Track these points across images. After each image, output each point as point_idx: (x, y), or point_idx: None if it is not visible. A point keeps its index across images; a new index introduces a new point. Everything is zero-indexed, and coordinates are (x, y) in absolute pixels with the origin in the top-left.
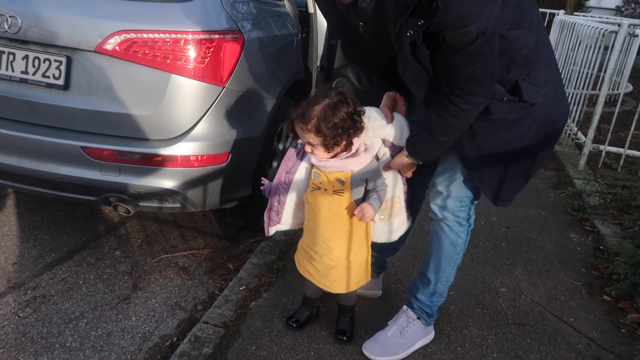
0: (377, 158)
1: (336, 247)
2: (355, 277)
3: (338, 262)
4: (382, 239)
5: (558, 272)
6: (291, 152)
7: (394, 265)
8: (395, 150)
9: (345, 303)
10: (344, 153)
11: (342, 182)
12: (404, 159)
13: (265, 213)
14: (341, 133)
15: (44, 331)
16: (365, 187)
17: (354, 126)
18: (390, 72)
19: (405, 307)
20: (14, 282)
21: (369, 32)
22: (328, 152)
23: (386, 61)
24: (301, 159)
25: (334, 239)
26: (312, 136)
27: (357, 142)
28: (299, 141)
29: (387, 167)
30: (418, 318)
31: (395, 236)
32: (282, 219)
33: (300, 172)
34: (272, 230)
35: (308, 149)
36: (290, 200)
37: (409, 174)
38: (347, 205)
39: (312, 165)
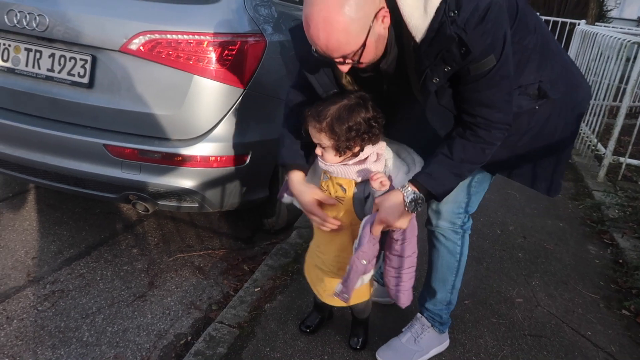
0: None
1: (329, 254)
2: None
3: (330, 270)
4: None
5: (576, 284)
6: None
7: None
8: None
9: (358, 316)
10: (352, 159)
11: (344, 190)
12: (398, 198)
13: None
14: (354, 137)
15: (62, 325)
16: (365, 204)
17: (370, 132)
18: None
19: (419, 314)
20: (33, 276)
21: (394, 89)
22: (339, 156)
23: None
24: None
25: (328, 246)
26: (324, 137)
27: (368, 149)
28: None
29: (379, 224)
30: (432, 326)
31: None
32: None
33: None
34: (286, 199)
35: (318, 151)
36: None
37: (403, 225)
38: (346, 214)
39: None
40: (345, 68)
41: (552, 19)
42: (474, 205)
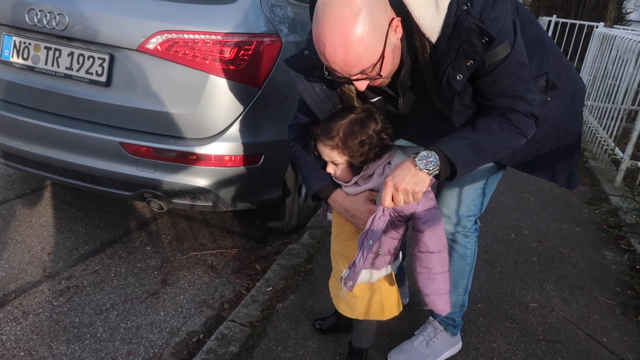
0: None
1: (341, 266)
2: (359, 306)
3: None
4: None
5: (591, 289)
6: None
7: None
8: None
9: (355, 344)
10: (361, 177)
11: None
12: (410, 166)
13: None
14: (368, 151)
15: (76, 321)
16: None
17: (381, 144)
18: None
19: (431, 317)
20: (49, 272)
21: (408, 102)
22: (353, 174)
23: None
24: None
25: (340, 257)
26: (337, 154)
27: (376, 163)
28: None
29: (389, 190)
30: (444, 329)
31: None
32: None
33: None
34: (330, 216)
35: (331, 169)
36: None
37: (417, 190)
38: (354, 229)
39: None
40: (362, 85)
41: (569, 21)
42: (480, 207)
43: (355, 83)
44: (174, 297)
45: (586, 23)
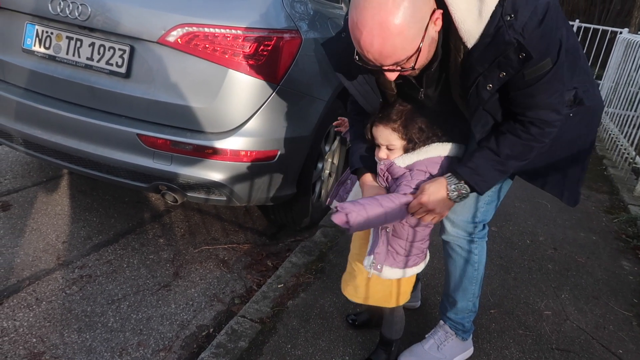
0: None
1: (354, 267)
2: (366, 290)
3: (352, 267)
4: None
5: (607, 300)
6: None
7: (434, 277)
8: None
9: (385, 334)
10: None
11: None
12: (443, 192)
13: (336, 186)
14: (423, 139)
15: (88, 309)
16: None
17: (431, 138)
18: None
19: (442, 321)
20: (63, 260)
21: (430, 95)
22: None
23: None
24: None
25: (358, 258)
26: (396, 137)
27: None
28: None
29: (418, 205)
30: (455, 334)
31: None
32: (348, 198)
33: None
34: (333, 204)
35: (383, 154)
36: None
37: (444, 213)
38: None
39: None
40: (393, 76)
41: (592, 26)
42: (488, 214)
43: (386, 73)
44: (185, 290)
45: (610, 29)
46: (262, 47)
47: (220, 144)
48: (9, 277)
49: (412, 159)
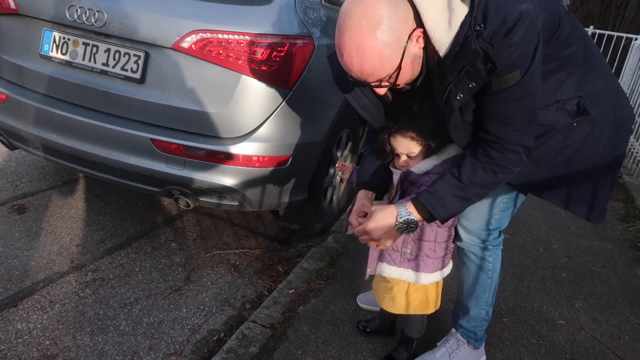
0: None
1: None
2: (406, 300)
3: (384, 279)
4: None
5: (623, 309)
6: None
7: (447, 284)
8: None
9: (407, 332)
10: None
11: None
12: (391, 220)
13: (347, 213)
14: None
15: (101, 313)
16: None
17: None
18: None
19: (453, 330)
20: (77, 263)
21: (423, 106)
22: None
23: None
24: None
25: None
26: (416, 144)
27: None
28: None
29: (362, 231)
30: (467, 342)
31: None
32: None
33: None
34: (350, 230)
35: (404, 162)
36: None
37: (387, 244)
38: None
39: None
40: (382, 91)
41: (607, 33)
42: (504, 221)
43: (374, 89)
44: (197, 295)
45: (624, 35)
46: (275, 53)
47: (232, 149)
48: (23, 280)
49: (430, 163)
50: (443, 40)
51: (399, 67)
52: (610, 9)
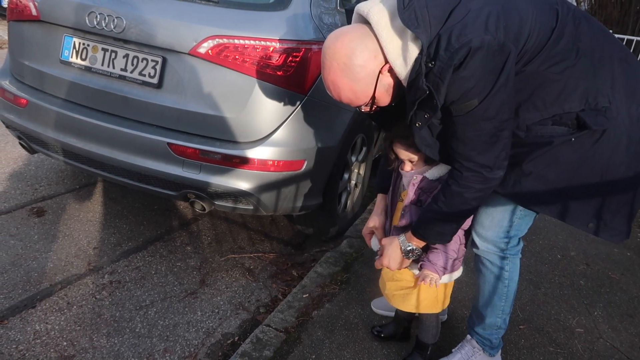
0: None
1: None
2: (417, 298)
3: (394, 277)
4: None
5: None
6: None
7: (462, 291)
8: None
9: (421, 338)
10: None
11: None
12: (397, 247)
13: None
14: None
15: (117, 315)
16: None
17: None
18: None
19: (469, 336)
20: (94, 266)
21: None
22: (426, 163)
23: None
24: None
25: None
26: (414, 150)
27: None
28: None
29: (380, 265)
30: (482, 349)
31: None
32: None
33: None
34: (374, 244)
35: (408, 167)
36: None
37: (405, 265)
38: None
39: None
40: (367, 109)
41: (626, 37)
42: (521, 229)
43: (362, 109)
44: (211, 298)
45: (635, 38)
46: (290, 58)
47: (248, 154)
48: (42, 281)
49: (442, 170)
50: (401, 73)
51: (374, 97)
52: (630, 13)
